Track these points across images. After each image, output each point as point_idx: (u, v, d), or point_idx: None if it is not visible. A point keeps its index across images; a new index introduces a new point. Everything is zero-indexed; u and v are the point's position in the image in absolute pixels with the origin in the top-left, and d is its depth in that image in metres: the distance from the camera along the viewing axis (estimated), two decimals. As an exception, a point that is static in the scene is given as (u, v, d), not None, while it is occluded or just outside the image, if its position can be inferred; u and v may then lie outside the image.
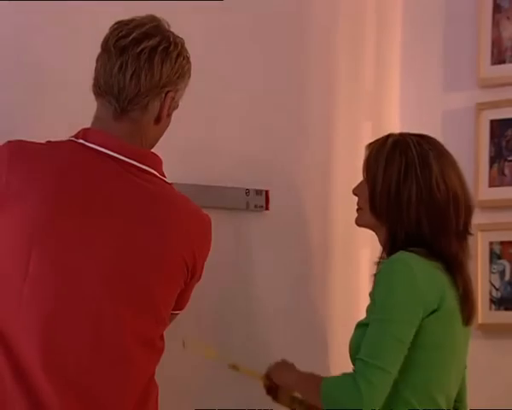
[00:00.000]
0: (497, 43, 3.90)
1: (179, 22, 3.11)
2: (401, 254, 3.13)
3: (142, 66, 2.69)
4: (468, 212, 3.14)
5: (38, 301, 2.60)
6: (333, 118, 3.68)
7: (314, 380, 3.21)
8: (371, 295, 3.25)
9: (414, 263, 3.10)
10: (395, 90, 4.11)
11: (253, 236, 3.67)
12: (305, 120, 3.81)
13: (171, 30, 2.96)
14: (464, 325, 3.16)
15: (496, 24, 3.90)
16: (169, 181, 2.97)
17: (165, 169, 2.97)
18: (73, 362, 2.61)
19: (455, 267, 3.13)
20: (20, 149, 2.69)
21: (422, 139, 3.17)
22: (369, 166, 3.28)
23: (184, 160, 3.42)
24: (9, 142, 2.69)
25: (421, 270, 3.10)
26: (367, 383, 3.05)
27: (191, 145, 3.46)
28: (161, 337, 2.79)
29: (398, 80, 4.13)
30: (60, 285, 2.61)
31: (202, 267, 2.88)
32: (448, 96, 4.04)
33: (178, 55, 2.76)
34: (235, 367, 3.28)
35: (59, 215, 2.64)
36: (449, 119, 4.02)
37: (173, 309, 2.83)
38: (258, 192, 3.67)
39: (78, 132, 2.71)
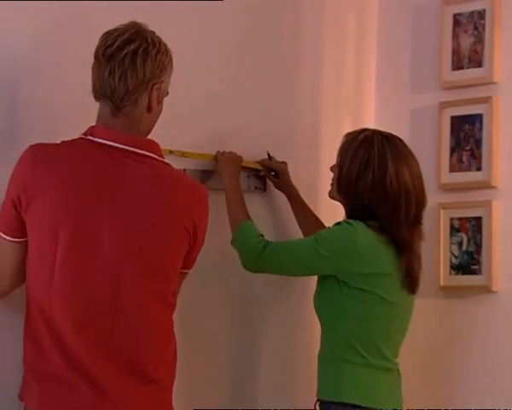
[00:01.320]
0: (456, 52, 3.95)
1: (180, 16, 3.37)
2: (355, 221, 3.34)
3: (127, 68, 2.79)
4: (420, 206, 3.37)
5: (67, 274, 2.73)
6: (321, 115, 3.83)
7: (237, 215, 3.45)
8: None
9: (362, 228, 3.31)
10: (371, 91, 4.21)
11: (254, 213, 3.61)
12: (298, 116, 3.88)
13: (173, 23, 3.16)
14: (407, 292, 3.33)
15: (455, 36, 3.95)
16: (181, 167, 3.19)
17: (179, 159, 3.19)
18: (99, 322, 2.74)
19: (403, 249, 3.33)
20: (41, 152, 2.80)
21: (387, 140, 3.41)
22: (341, 154, 3.46)
23: (196, 149, 3.44)
24: (31, 146, 2.79)
25: (366, 235, 3.31)
26: (271, 253, 3.36)
27: (202, 136, 3.49)
28: (173, 294, 2.89)
29: (374, 83, 4.22)
30: (83, 259, 2.75)
31: (204, 232, 2.98)
32: (416, 97, 4.12)
33: (157, 53, 2.84)
34: (184, 155, 3.31)
35: (76, 202, 2.76)
36: (416, 115, 4.10)
37: (183, 268, 2.95)
38: (257, 176, 3.73)
39: (87, 130, 2.84)
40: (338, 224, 3.39)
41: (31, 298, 2.77)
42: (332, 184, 3.49)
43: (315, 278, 3.44)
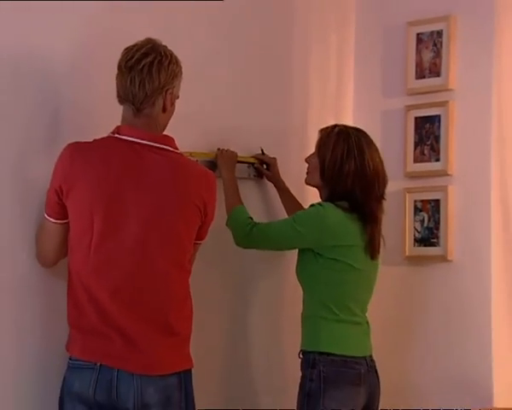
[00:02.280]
0: (419, 64, 3.95)
1: (183, 25, 3.32)
2: (326, 203, 3.35)
3: (145, 77, 2.78)
4: (384, 184, 3.36)
5: (101, 250, 2.75)
6: (308, 116, 3.81)
7: (232, 201, 3.40)
8: None
9: (333, 208, 3.30)
10: (350, 97, 4.17)
11: (252, 194, 3.66)
12: (288, 118, 3.82)
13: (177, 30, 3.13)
14: (371, 258, 3.34)
15: (418, 51, 3.95)
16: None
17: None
18: (129, 287, 2.75)
19: (369, 221, 3.33)
20: (77, 148, 2.80)
21: (358, 132, 3.41)
22: (321, 146, 3.40)
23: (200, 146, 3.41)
24: (69, 144, 2.79)
25: (335, 214, 3.29)
26: (258, 231, 3.36)
27: (204, 136, 3.44)
28: (189, 262, 2.90)
29: (352, 90, 4.18)
30: (114, 237, 2.75)
31: (213, 210, 2.97)
32: (386, 101, 4.09)
33: (169, 63, 2.82)
34: (191, 155, 3.21)
35: (107, 189, 2.76)
36: (387, 116, 4.08)
37: (196, 240, 2.93)
38: (255, 167, 3.68)
39: (114, 129, 2.83)
40: (312, 206, 3.39)
41: (72, 268, 2.79)
42: (308, 173, 3.48)
43: (296, 252, 3.43)
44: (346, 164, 3.32)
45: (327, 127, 3.43)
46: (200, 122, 3.36)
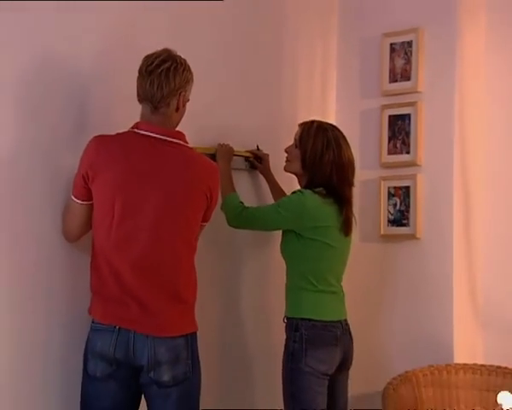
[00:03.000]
0: (392, 70, 3.94)
1: (178, 35, 3.24)
2: (305, 190, 3.33)
3: (162, 80, 2.79)
4: (354, 173, 3.37)
5: (121, 229, 2.75)
6: (297, 116, 3.70)
7: (226, 189, 3.36)
8: None
9: (311, 194, 3.28)
10: (333, 98, 4.17)
11: (247, 182, 3.67)
12: (279, 118, 3.81)
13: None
14: (345, 236, 3.34)
15: (391, 59, 3.94)
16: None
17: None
18: (145, 261, 2.76)
19: (345, 204, 3.33)
20: (101, 140, 2.81)
21: (333, 127, 3.41)
22: (302, 138, 3.37)
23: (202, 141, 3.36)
24: (95, 137, 2.80)
25: (313, 199, 3.28)
26: (247, 214, 3.37)
27: (206, 133, 3.41)
28: (195, 240, 2.90)
29: (335, 92, 4.17)
30: (133, 218, 2.76)
31: (216, 195, 2.98)
32: (364, 101, 4.08)
33: (183, 70, 2.84)
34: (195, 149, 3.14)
35: (127, 177, 2.77)
36: (365, 115, 4.07)
37: (202, 221, 2.94)
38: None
39: (133, 125, 2.83)
40: (293, 192, 3.39)
41: (96, 244, 2.80)
42: (287, 161, 3.46)
43: (280, 233, 3.43)
44: (326, 154, 3.32)
45: (306, 122, 3.42)
46: (203, 120, 3.34)
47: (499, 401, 3.09)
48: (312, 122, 3.41)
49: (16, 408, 2.75)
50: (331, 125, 3.46)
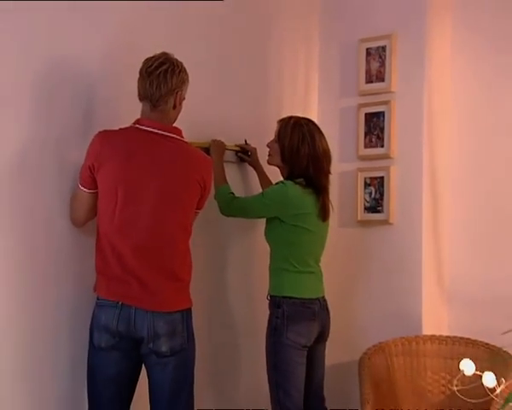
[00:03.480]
0: (368, 72, 3.94)
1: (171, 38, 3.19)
2: (287, 181, 3.32)
3: (161, 81, 2.79)
4: (330, 162, 3.35)
5: (123, 215, 2.75)
6: (282, 113, 3.61)
7: (219, 180, 3.34)
8: None
9: (292, 184, 3.28)
10: (315, 97, 4.15)
11: (237, 174, 3.66)
12: (266, 115, 3.76)
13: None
14: (323, 221, 3.37)
15: (368, 62, 3.93)
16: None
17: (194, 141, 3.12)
18: (145, 243, 2.75)
19: (322, 192, 3.33)
20: (106, 135, 2.80)
21: (309, 121, 3.39)
22: (280, 134, 3.36)
23: (197, 136, 3.33)
24: (99, 132, 2.80)
25: (294, 189, 3.28)
26: (236, 203, 3.37)
27: (200, 129, 3.38)
28: (190, 225, 2.89)
29: (317, 91, 4.15)
30: (134, 205, 2.75)
31: (210, 185, 2.98)
32: (343, 100, 4.06)
33: (180, 72, 2.84)
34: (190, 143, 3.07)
35: (129, 168, 2.76)
36: (344, 112, 4.05)
37: (196, 209, 2.93)
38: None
39: (134, 121, 2.83)
40: (276, 183, 3.39)
41: (100, 228, 2.80)
42: (269, 155, 3.45)
43: (264, 221, 3.44)
44: (302, 148, 3.32)
45: (284, 119, 3.41)
46: (197, 117, 3.33)
47: (461, 367, 3.09)
48: (290, 118, 3.40)
49: (30, 375, 2.76)
50: (306, 119, 3.44)
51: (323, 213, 3.37)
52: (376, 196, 3.93)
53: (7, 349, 2.69)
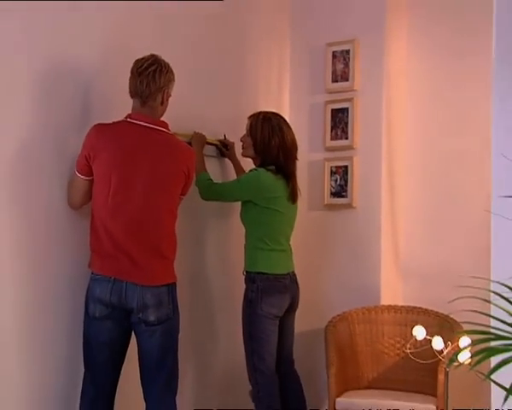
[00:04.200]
0: (334, 72, 3.93)
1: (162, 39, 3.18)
2: (260, 168, 3.32)
3: (150, 80, 2.78)
4: (296, 150, 3.36)
5: (116, 198, 2.73)
6: (259, 109, 3.56)
7: (199, 168, 3.25)
8: None
9: (264, 171, 3.29)
10: (287, 95, 4.12)
11: (216, 165, 3.61)
12: (243, 112, 3.59)
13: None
14: (292, 203, 3.38)
15: (333, 63, 3.93)
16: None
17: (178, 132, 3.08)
18: (136, 225, 2.74)
19: (291, 177, 3.34)
20: (100, 128, 2.77)
21: (276, 115, 3.39)
22: (252, 128, 3.35)
23: (181, 130, 3.29)
24: (95, 125, 2.78)
25: (266, 175, 3.28)
26: (215, 188, 3.34)
27: (185, 122, 3.33)
28: (175, 209, 2.87)
29: (288, 90, 4.12)
30: (126, 191, 2.74)
31: (193, 174, 2.96)
32: (312, 97, 4.03)
33: (167, 72, 2.82)
34: (176, 134, 3.02)
35: (121, 158, 2.75)
36: (313, 108, 4.02)
37: (181, 194, 2.91)
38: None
39: (126, 115, 2.81)
40: (250, 171, 3.39)
41: (94, 211, 2.79)
42: (243, 148, 3.44)
43: (239, 204, 3.43)
44: (273, 140, 3.32)
45: (254, 114, 3.41)
46: (182, 112, 3.30)
47: (414, 333, 3.14)
48: (259, 113, 3.40)
49: (32, 342, 2.74)
50: (274, 113, 3.44)
51: (293, 196, 3.38)
52: (341, 183, 3.92)
53: (12, 319, 2.68)
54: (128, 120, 2.82)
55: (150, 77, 2.79)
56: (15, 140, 2.70)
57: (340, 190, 3.94)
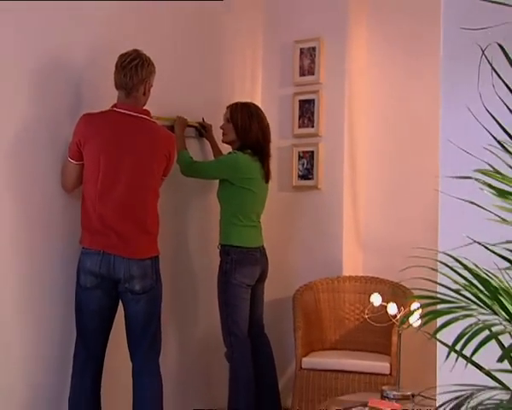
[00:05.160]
0: (301, 67, 3.91)
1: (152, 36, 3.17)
2: (238, 151, 3.31)
3: (133, 73, 2.77)
4: (270, 133, 3.40)
5: (104, 181, 2.73)
6: (234, 98, 3.59)
7: (181, 147, 3.24)
8: None
9: (242, 154, 3.29)
10: (259, 87, 4.07)
11: (196, 145, 3.56)
12: (220, 98, 3.65)
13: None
14: (265, 183, 3.38)
15: (301, 59, 3.91)
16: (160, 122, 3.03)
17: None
18: (123, 204, 2.74)
19: (266, 159, 3.35)
20: (89, 117, 2.77)
21: (252, 104, 3.42)
22: (232, 115, 3.34)
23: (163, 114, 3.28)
24: (84, 114, 2.77)
25: (244, 158, 3.28)
26: (195, 166, 3.32)
27: (167, 108, 3.31)
28: (158, 188, 2.85)
29: (261, 82, 4.09)
30: (114, 173, 2.74)
31: (173, 157, 2.94)
32: (282, 89, 4.01)
33: (148, 65, 2.81)
34: (159, 119, 3.02)
35: (108, 144, 2.75)
36: (282, 99, 4.00)
37: (163, 175, 2.90)
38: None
39: (112, 105, 2.80)
40: (229, 153, 3.38)
41: (85, 193, 2.79)
42: (224, 134, 3.41)
43: (217, 183, 3.41)
44: (253, 124, 3.32)
45: (232, 104, 3.39)
46: (165, 100, 3.27)
47: (371, 300, 3.18)
48: (237, 103, 3.40)
49: (30, 310, 2.76)
50: (250, 102, 3.44)
51: (267, 177, 3.38)
52: (308, 167, 3.91)
53: (11, 289, 2.70)
54: (114, 109, 2.82)
55: (133, 70, 2.78)
56: (14, 130, 2.70)
57: (307, 173, 3.93)
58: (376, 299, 3.14)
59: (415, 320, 2.58)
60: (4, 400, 2.64)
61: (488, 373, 1.40)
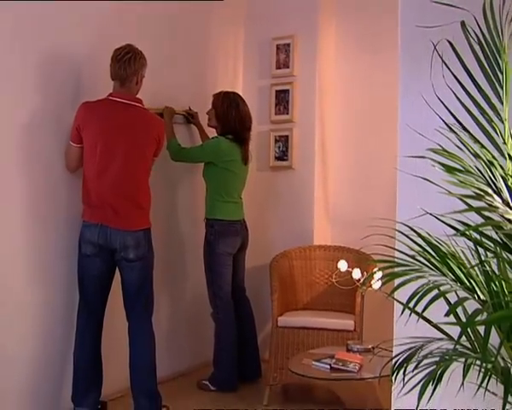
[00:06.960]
0: (278, 61, 3.90)
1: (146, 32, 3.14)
2: (220, 136, 3.29)
3: (127, 65, 2.74)
4: (250, 120, 3.38)
5: (101, 161, 2.71)
6: (217, 89, 3.55)
7: (169, 135, 3.22)
8: None
9: (223, 139, 3.28)
10: (240, 78, 4.05)
11: (184, 131, 3.52)
12: (204, 89, 3.66)
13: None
14: (244, 164, 3.36)
15: (278, 54, 3.90)
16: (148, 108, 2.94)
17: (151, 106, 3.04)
18: (119, 183, 2.71)
19: (245, 143, 3.33)
20: (88, 105, 2.75)
21: (234, 94, 3.37)
22: (215, 103, 3.33)
23: (153, 105, 3.28)
24: (83, 103, 2.74)
25: (225, 142, 3.27)
26: (182, 152, 3.29)
27: (156, 98, 3.27)
28: (150, 168, 2.84)
29: (242, 73, 4.06)
30: (110, 155, 2.71)
31: (163, 140, 2.92)
32: (261, 81, 3.98)
33: (140, 58, 2.78)
34: (150, 108, 2.95)
35: (105, 129, 2.72)
36: (261, 90, 3.97)
37: (154, 156, 2.87)
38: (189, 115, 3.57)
39: (108, 94, 2.77)
40: (212, 138, 3.36)
41: (85, 172, 2.77)
42: (209, 119, 3.40)
43: (202, 165, 3.39)
44: (231, 112, 3.30)
45: (217, 93, 3.39)
46: (155, 90, 3.25)
47: (339, 266, 3.20)
48: (220, 92, 3.38)
49: (39, 275, 2.74)
50: (233, 92, 3.42)
51: (245, 159, 3.37)
52: (283, 149, 3.90)
53: (21, 259, 2.69)
54: (110, 98, 2.80)
55: (127, 63, 2.76)
56: (22, 114, 2.67)
57: (283, 155, 3.92)
58: (343, 265, 3.16)
59: (375, 282, 2.60)
60: (17, 345, 2.64)
61: (436, 326, 1.43)
